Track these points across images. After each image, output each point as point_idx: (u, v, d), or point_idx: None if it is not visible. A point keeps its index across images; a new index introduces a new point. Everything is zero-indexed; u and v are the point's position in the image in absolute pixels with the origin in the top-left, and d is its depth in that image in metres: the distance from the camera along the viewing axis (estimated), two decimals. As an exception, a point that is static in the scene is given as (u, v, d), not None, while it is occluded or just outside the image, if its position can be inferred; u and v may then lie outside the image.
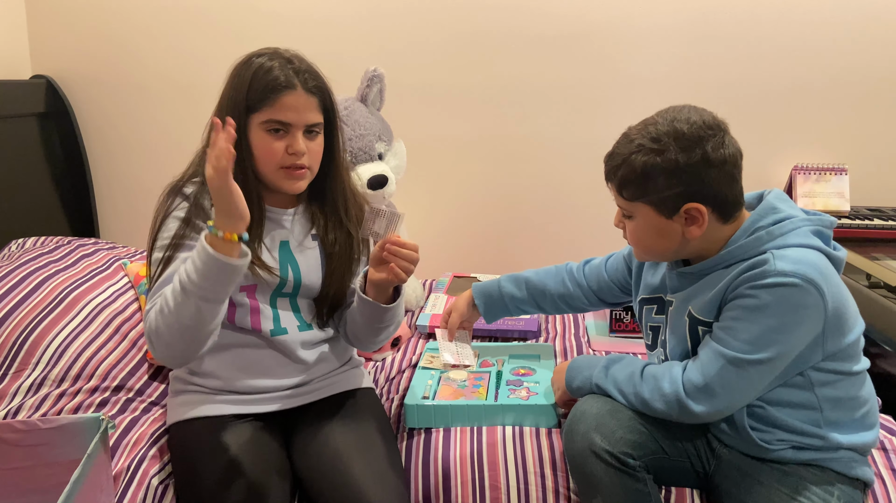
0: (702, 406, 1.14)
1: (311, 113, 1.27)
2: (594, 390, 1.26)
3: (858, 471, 1.18)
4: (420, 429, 1.43)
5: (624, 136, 1.20)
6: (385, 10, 2.33)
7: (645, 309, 1.35)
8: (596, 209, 2.42)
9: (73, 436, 1.14)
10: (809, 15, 2.21)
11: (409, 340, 1.87)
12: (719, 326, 1.16)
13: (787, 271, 1.09)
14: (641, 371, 1.22)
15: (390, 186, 1.92)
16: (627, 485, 1.16)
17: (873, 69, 2.24)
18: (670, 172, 1.13)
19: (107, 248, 2.00)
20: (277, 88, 1.23)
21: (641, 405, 1.19)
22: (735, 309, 1.14)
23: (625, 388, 1.21)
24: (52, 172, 2.47)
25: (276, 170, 1.27)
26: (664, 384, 1.17)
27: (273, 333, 1.32)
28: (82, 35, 2.46)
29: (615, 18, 2.27)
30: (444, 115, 2.40)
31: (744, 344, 1.12)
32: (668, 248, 1.22)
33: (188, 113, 2.42)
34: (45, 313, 1.61)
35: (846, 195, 2.22)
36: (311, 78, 1.27)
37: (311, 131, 1.28)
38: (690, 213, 1.15)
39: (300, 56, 1.30)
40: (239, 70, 1.27)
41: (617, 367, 1.25)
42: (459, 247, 2.52)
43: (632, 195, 1.18)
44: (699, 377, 1.15)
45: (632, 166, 1.15)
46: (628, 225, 1.24)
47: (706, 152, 1.13)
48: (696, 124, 1.14)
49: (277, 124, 1.24)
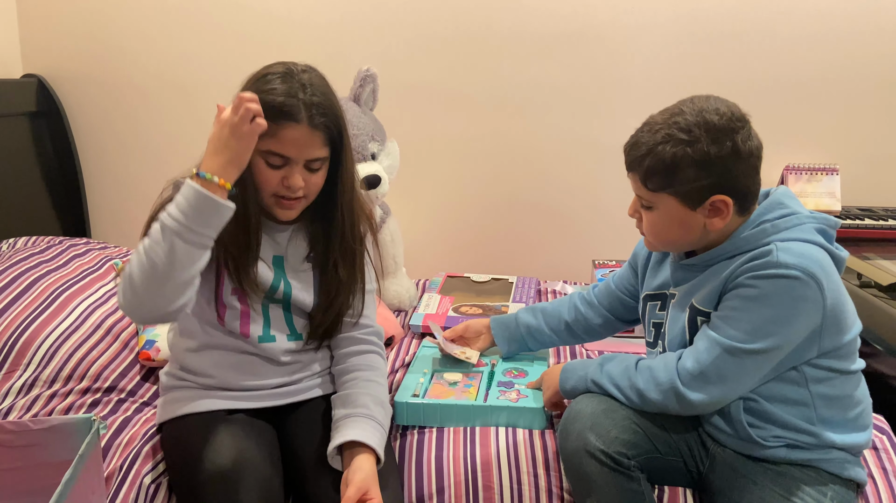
0: (697, 394, 1.14)
1: (314, 149, 1.21)
2: (590, 387, 1.25)
3: (851, 472, 1.19)
4: (413, 429, 1.43)
5: (647, 126, 1.18)
6: (378, 10, 2.33)
7: (649, 305, 1.34)
8: (592, 209, 2.44)
9: (65, 436, 1.14)
10: (801, 15, 2.22)
11: (402, 340, 1.87)
12: (717, 315, 1.16)
13: (788, 263, 1.10)
14: (636, 364, 1.22)
15: (383, 186, 1.91)
16: (622, 484, 1.16)
17: (865, 69, 2.25)
18: (700, 164, 1.12)
19: (98, 248, 2.00)
20: (281, 117, 1.16)
21: (638, 397, 1.19)
22: (734, 298, 1.14)
23: (620, 382, 1.21)
24: (44, 172, 2.46)
25: (269, 196, 1.24)
26: (659, 374, 1.17)
27: (261, 340, 1.31)
28: (73, 34, 2.44)
29: (609, 18, 2.28)
30: (437, 114, 2.40)
31: (741, 333, 1.12)
32: (686, 239, 1.21)
33: (180, 112, 2.41)
34: (36, 314, 1.60)
35: (837, 195, 2.23)
36: (320, 113, 1.19)
37: (312, 167, 1.22)
38: (716, 205, 1.15)
39: (316, 81, 1.22)
40: (251, 85, 1.20)
41: (612, 364, 1.25)
42: (453, 247, 2.52)
43: (657, 186, 1.17)
44: (694, 364, 1.15)
45: (660, 157, 1.14)
46: (647, 215, 1.22)
47: (736, 144, 1.13)
48: (725, 115, 1.13)
49: (277, 157, 1.19)
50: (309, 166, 1.22)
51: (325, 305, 1.33)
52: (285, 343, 1.33)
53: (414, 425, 1.44)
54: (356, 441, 1.20)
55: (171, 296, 1.10)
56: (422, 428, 1.43)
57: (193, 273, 1.12)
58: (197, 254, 1.11)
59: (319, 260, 1.33)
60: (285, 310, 1.33)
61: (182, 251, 1.09)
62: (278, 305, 1.33)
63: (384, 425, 1.27)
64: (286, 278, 1.31)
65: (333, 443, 1.21)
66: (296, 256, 1.33)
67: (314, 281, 1.34)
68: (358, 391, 1.30)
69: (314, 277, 1.34)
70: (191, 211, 1.08)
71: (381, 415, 1.27)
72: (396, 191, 2.06)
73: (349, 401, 1.28)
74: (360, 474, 1.15)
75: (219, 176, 1.09)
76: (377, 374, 1.35)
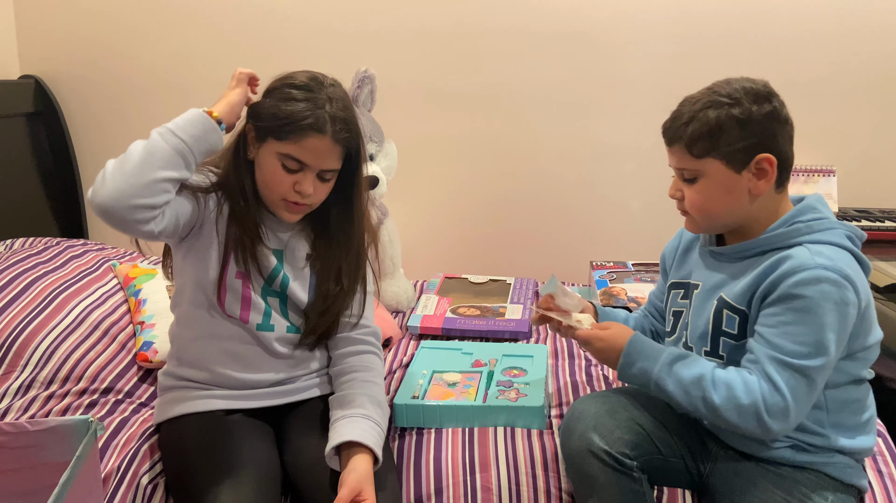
0: (781, 423, 1.10)
1: (331, 160, 1.25)
2: (651, 387, 1.18)
3: (854, 478, 1.19)
4: (412, 430, 1.43)
5: (685, 101, 1.20)
6: (377, 10, 2.33)
7: (672, 293, 1.34)
8: (590, 210, 2.44)
9: (62, 438, 1.14)
10: (797, 17, 2.23)
11: (401, 341, 1.87)
12: (774, 333, 1.12)
13: (826, 265, 1.09)
14: (712, 375, 1.14)
15: (381, 187, 1.92)
16: (624, 484, 1.17)
17: (861, 70, 2.25)
18: (744, 123, 1.14)
19: (96, 250, 1.99)
20: (306, 128, 1.20)
21: (709, 411, 1.13)
22: (786, 312, 1.11)
23: (691, 390, 1.14)
24: (41, 173, 2.46)
25: (278, 198, 1.26)
26: (740, 394, 1.10)
27: (259, 328, 1.32)
28: (71, 35, 2.44)
29: (606, 18, 2.28)
30: (435, 115, 2.40)
31: (805, 347, 1.09)
32: (731, 209, 1.19)
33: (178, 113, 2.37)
34: (33, 315, 1.60)
35: (834, 196, 2.24)
36: (344, 129, 1.23)
37: (324, 177, 1.26)
38: (761, 164, 1.15)
39: (341, 95, 1.26)
40: (277, 90, 1.24)
41: (682, 366, 1.17)
42: (451, 248, 2.52)
43: (702, 151, 1.16)
44: (779, 397, 1.09)
45: (703, 120, 1.15)
46: (691, 190, 1.20)
47: (775, 107, 1.15)
48: (759, 83, 1.17)
49: (294, 162, 1.22)
50: (322, 175, 1.26)
51: (322, 309, 1.34)
52: (283, 333, 1.34)
53: (412, 426, 1.43)
54: (353, 441, 1.20)
55: (138, 189, 1.14)
56: (420, 428, 1.43)
57: (165, 177, 1.16)
58: (174, 159, 1.17)
59: (319, 264, 1.35)
60: (282, 302, 1.34)
61: (160, 148, 1.16)
62: (276, 298, 1.34)
63: (382, 425, 1.27)
64: (285, 271, 1.33)
65: (331, 444, 1.21)
66: (296, 255, 1.34)
67: (311, 281, 1.35)
68: (355, 392, 1.30)
69: (311, 278, 1.35)
70: (181, 121, 1.19)
71: (379, 415, 1.28)
72: (394, 192, 2.07)
73: (346, 401, 1.28)
74: (354, 475, 1.16)
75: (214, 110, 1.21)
76: (374, 375, 1.35)
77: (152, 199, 1.15)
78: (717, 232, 1.27)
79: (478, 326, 1.87)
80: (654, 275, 2.11)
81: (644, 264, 2.20)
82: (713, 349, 1.22)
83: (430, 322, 1.90)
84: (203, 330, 1.32)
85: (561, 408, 1.49)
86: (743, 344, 1.18)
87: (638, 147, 2.30)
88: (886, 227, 2.14)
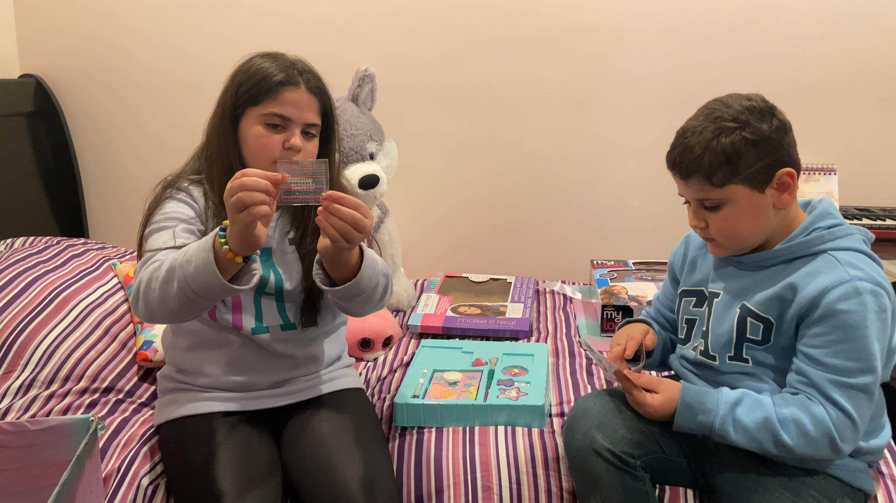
0: (850, 443, 1.12)
1: (311, 113, 1.28)
2: (713, 437, 1.17)
3: (863, 482, 1.19)
4: (412, 429, 1.43)
5: (688, 133, 1.17)
6: (377, 10, 2.33)
7: (684, 301, 1.34)
8: (590, 209, 2.44)
9: (63, 437, 1.14)
10: (798, 15, 2.22)
11: (401, 340, 1.87)
12: (824, 353, 1.11)
13: (860, 276, 1.10)
14: (777, 415, 1.13)
15: (381, 186, 1.91)
16: (627, 483, 1.17)
17: (862, 69, 2.25)
18: (758, 143, 1.13)
19: (96, 249, 1.99)
20: (281, 83, 1.24)
21: (781, 451, 1.13)
22: (833, 331, 1.10)
23: (760, 436, 1.13)
24: (41, 172, 2.46)
25: (269, 164, 1.22)
26: (809, 428, 1.10)
27: (254, 332, 1.32)
28: (71, 34, 2.44)
29: (605, 19, 2.27)
30: (435, 114, 2.40)
31: (859, 363, 1.10)
32: (758, 229, 1.19)
33: (178, 112, 2.41)
34: (34, 314, 1.60)
35: (835, 195, 2.23)
36: (314, 79, 1.29)
37: (308, 132, 1.28)
38: (783, 179, 1.15)
39: (303, 59, 1.32)
40: (243, 66, 1.28)
41: (744, 411, 1.14)
42: (451, 247, 2.51)
43: (723, 179, 1.15)
44: (847, 419, 1.10)
45: (718, 149, 1.13)
46: (715, 218, 1.19)
47: (779, 119, 1.15)
48: (755, 98, 1.17)
49: (277, 118, 1.24)
50: (306, 131, 1.28)
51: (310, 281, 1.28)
52: (279, 333, 1.33)
53: (413, 425, 1.43)
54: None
55: (183, 320, 1.22)
56: (420, 428, 1.43)
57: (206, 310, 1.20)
58: (207, 304, 1.16)
59: (297, 239, 1.34)
60: (278, 300, 1.34)
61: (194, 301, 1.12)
62: (271, 298, 1.33)
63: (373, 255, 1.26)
64: (275, 268, 1.32)
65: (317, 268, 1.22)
66: (280, 240, 1.34)
67: (299, 263, 1.34)
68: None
69: (298, 259, 1.34)
70: (199, 277, 1.07)
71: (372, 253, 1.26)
72: (394, 191, 2.06)
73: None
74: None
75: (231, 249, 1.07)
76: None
77: (194, 317, 1.20)
78: (745, 252, 1.24)
79: (478, 325, 1.87)
80: (654, 273, 2.11)
81: (645, 263, 2.19)
82: (737, 354, 1.21)
83: (431, 321, 1.90)
84: (197, 338, 1.32)
85: (562, 407, 1.49)
86: (767, 348, 1.18)
87: (638, 146, 2.30)
88: (888, 226, 2.14)
